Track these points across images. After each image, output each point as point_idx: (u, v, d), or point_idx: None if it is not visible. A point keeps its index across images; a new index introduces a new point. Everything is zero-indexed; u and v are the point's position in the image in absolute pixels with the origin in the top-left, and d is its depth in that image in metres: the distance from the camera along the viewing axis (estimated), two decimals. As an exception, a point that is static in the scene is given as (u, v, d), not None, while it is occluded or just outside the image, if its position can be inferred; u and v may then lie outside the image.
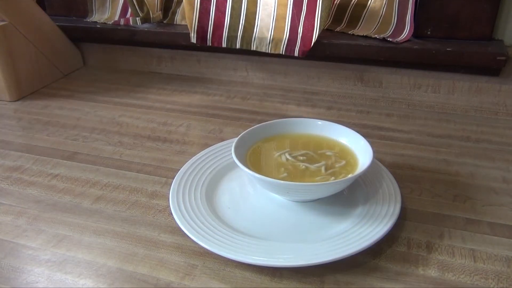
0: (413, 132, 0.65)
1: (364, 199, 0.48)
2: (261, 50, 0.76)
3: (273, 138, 0.54)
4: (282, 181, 0.44)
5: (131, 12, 0.86)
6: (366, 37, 0.73)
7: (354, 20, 0.78)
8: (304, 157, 0.50)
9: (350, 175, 0.46)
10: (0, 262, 0.42)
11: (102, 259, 0.42)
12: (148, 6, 0.83)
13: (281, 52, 0.74)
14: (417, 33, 0.71)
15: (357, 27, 0.77)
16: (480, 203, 0.49)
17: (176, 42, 0.82)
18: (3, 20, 0.74)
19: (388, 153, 0.59)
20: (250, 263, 0.40)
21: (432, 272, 0.40)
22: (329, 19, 0.79)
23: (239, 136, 0.51)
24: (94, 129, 0.67)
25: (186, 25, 0.78)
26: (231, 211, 0.47)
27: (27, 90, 0.80)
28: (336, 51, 0.73)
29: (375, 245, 0.41)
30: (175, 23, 0.86)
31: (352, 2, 0.78)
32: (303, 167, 0.49)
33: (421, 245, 0.44)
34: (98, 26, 0.86)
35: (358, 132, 0.52)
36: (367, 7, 0.77)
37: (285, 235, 0.44)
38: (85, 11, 0.90)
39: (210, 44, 0.78)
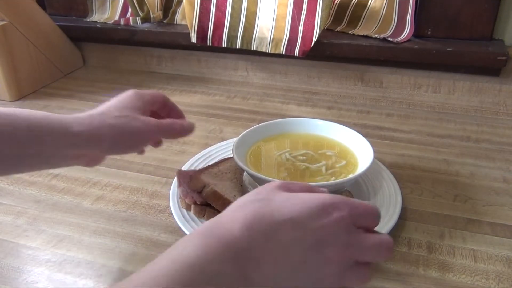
0: (414, 132, 0.65)
1: (364, 199, 0.48)
2: (261, 50, 0.76)
3: (273, 138, 0.54)
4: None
5: (131, 12, 0.86)
6: (366, 37, 0.73)
7: (355, 20, 0.77)
8: (305, 157, 0.50)
9: (350, 175, 0.46)
10: (0, 262, 0.42)
11: (102, 259, 0.42)
12: (148, 6, 0.83)
13: (281, 52, 0.74)
14: (417, 33, 0.71)
15: (358, 27, 0.77)
16: (480, 203, 0.49)
17: (176, 42, 0.82)
18: (3, 20, 0.74)
19: (388, 153, 0.59)
20: (250, 263, 0.39)
21: (433, 272, 0.40)
22: (329, 19, 0.79)
23: (240, 136, 0.51)
24: (94, 129, 0.67)
25: (186, 25, 0.78)
26: (231, 211, 0.47)
27: (27, 90, 0.80)
28: (336, 51, 0.73)
29: (375, 245, 0.41)
30: (175, 23, 0.86)
31: (352, 2, 0.78)
32: (304, 167, 0.49)
33: (422, 245, 0.43)
34: (98, 26, 0.86)
35: (358, 132, 0.52)
36: (368, 7, 0.77)
37: (286, 235, 0.44)
38: (85, 11, 0.90)
39: (210, 44, 0.78)
